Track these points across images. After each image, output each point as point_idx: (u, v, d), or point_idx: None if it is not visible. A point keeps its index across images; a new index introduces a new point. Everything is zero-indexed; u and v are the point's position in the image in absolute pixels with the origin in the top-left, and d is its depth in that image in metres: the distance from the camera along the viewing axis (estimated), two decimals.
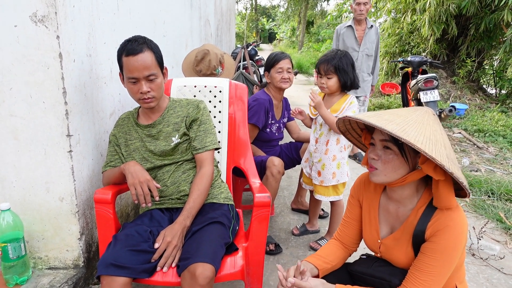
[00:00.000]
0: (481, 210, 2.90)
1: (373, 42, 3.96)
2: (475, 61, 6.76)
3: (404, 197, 1.18)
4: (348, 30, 3.96)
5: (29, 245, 1.65)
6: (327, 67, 2.07)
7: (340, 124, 1.30)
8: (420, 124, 1.05)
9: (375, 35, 3.97)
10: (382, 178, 1.13)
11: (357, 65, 3.81)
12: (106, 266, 1.23)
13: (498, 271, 2.15)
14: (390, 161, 1.10)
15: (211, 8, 5.56)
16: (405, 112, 1.10)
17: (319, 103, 2.07)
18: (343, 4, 10.72)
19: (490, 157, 4.23)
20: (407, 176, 1.10)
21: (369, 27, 3.93)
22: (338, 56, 2.09)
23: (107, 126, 1.88)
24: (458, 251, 1.06)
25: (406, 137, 0.98)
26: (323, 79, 2.11)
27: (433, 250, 1.06)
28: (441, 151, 0.99)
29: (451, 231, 1.05)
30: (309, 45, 19.92)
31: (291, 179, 3.52)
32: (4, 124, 1.51)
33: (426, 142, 0.98)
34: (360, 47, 3.93)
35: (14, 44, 1.42)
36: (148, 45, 1.48)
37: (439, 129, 1.06)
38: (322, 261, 1.31)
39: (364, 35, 3.93)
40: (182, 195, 1.59)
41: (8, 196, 1.59)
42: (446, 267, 1.06)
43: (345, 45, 3.97)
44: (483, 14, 6.18)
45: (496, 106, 6.29)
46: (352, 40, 3.94)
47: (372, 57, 4.03)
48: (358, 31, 3.94)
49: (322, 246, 1.42)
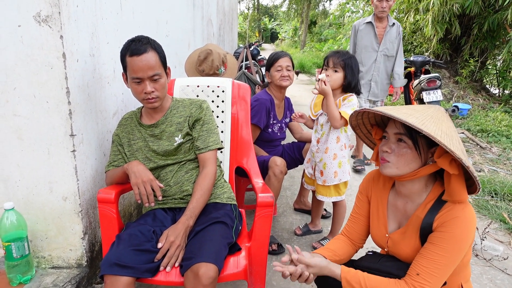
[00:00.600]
0: (485, 211, 2.89)
1: (394, 42, 3.60)
2: (478, 61, 6.73)
3: (413, 192, 1.19)
4: (368, 27, 3.59)
5: (32, 244, 1.65)
6: (337, 60, 2.06)
7: (353, 118, 1.31)
8: (436, 119, 1.06)
9: (396, 34, 3.60)
10: (394, 170, 1.15)
11: (375, 66, 3.63)
12: (110, 265, 1.23)
13: (501, 271, 2.14)
14: (403, 154, 1.12)
15: (213, 8, 5.56)
16: (421, 108, 1.12)
17: (325, 90, 2.01)
18: (345, 4, 10.70)
19: (493, 157, 4.22)
20: (419, 170, 1.12)
21: (390, 25, 3.56)
22: (349, 55, 2.10)
23: (110, 125, 1.88)
24: (465, 243, 1.06)
25: (427, 130, 0.99)
26: (329, 71, 2.08)
27: (441, 239, 1.07)
28: (458, 146, 1.01)
29: (459, 222, 1.05)
30: (311, 45, 19.90)
31: (294, 179, 3.52)
32: (8, 123, 1.51)
33: (444, 136, 1.00)
34: (380, 46, 3.58)
35: (18, 44, 1.42)
36: (152, 45, 1.48)
37: (451, 126, 1.08)
38: (332, 253, 1.32)
39: (385, 34, 3.56)
40: (185, 194, 1.59)
41: (12, 196, 1.59)
42: (451, 258, 1.06)
43: (363, 43, 3.63)
44: (486, 14, 6.16)
45: (499, 106, 6.27)
46: (371, 38, 3.59)
47: (392, 59, 3.66)
48: (378, 28, 3.56)
49: (331, 241, 1.42)
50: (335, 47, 15.04)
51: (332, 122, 2.04)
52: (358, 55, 3.66)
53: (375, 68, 3.64)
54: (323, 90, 2.01)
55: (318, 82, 2.04)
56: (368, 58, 3.64)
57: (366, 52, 3.62)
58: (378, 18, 3.56)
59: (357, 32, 3.66)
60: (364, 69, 3.66)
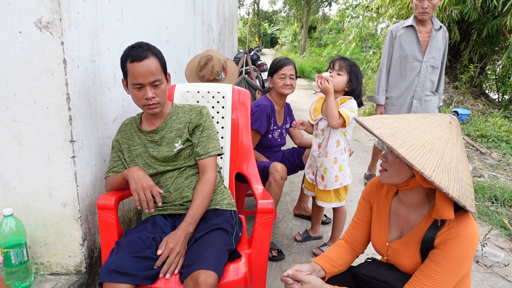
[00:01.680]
0: (485, 217, 2.88)
1: (440, 49, 2.99)
2: (478, 66, 6.75)
3: (415, 202, 1.18)
4: (408, 31, 2.97)
5: (31, 250, 1.64)
6: (343, 64, 2.08)
7: None
8: (420, 130, 1.04)
9: (442, 40, 2.98)
10: (387, 179, 1.16)
11: (419, 80, 3.01)
12: (109, 272, 1.22)
13: (502, 278, 2.13)
14: (394, 165, 1.13)
15: (213, 13, 5.58)
16: (411, 118, 1.10)
17: (327, 88, 2.01)
18: (345, 10, 10.74)
19: (493, 162, 4.22)
20: (410, 181, 1.11)
21: (436, 29, 2.95)
22: (355, 63, 2.12)
23: (110, 131, 1.88)
24: (466, 261, 1.05)
25: (392, 141, 1.00)
26: (333, 73, 2.09)
27: (442, 258, 1.06)
28: (433, 159, 0.97)
29: (461, 241, 1.04)
30: (311, 50, 19.97)
31: (294, 184, 3.51)
32: (8, 129, 1.51)
33: (415, 147, 0.99)
34: (425, 55, 2.96)
35: (19, 50, 1.43)
36: (153, 51, 1.48)
37: (445, 138, 1.03)
38: (331, 264, 1.32)
39: (430, 40, 2.94)
40: (185, 201, 1.58)
41: (11, 202, 1.59)
42: (451, 276, 1.05)
43: (404, 52, 3.00)
44: (485, 20, 6.18)
45: (499, 112, 6.27)
46: (413, 45, 2.97)
47: (438, 70, 3.06)
48: (421, 33, 2.95)
49: (331, 247, 1.42)
50: (334, 52, 15.10)
51: (330, 121, 2.03)
52: (395, 67, 3.09)
53: (419, 83, 3.03)
54: (326, 88, 2.02)
55: (320, 80, 2.04)
56: (409, 71, 3.03)
57: (406, 63, 3.02)
58: (419, 21, 2.95)
59: (394, 38, 3.05)
60: (404, 85, 3.07)
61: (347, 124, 2.01)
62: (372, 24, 9.25)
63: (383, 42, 7.88)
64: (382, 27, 8.92)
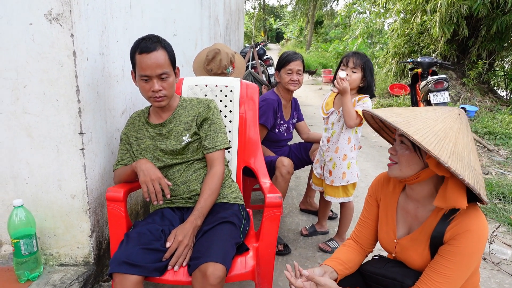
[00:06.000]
0: (492, 214, 2.87)
1: None
2: (486, 62, 6.68)
3: (423, 196, 1.17)
4: None
5: (40, 241, 1.66)
6: (357, 61, 2.05)
7: (371, 122, 1.31)
8: (432, 120, 1.04)
9: None
10: (398, 172, 1.15)
11: None
12: (119, 263, 1.23)
13: (510, 275, 2.12)
14: (404, 156, 1.12)
15: (220, 7, 5.56)
16: (421, 109, 1.10)
17: (345, 89, 1.99)
18: (352, 5, 10.67)
19: (501, 160, 4.18)
20: (420, 172, 1.10)
21: None
22: (368, 58, 2.10)
23: (119, 124, 1.89)
24: (477, 256, 1.04)
25: (406, 128, 0.99)
26: (348, 71, 2.06)
27: (452, 253, 1.05)
28: (447, 146, 0.97)
29: (471, 236, 1.03)
30: (317, 45, 19.87)
31: (300, 179, 3.51)
32: (18, 121, 1.52)
33: (429, 135, 0.98)
34: None
35: (29, 42, 1.43)
36: (162, 44, 1.48)
37: (456, 128, 1.03)
38: (343, 266, 1.30)
39: None
40: (193, 194, 1.58)
41: (21, 193, 1.60)
42: (462, 271, 1.04)
43: None
44: (494, 16, 6.10)
45: (507, 108, 6.21)
46: None
47: None
48: None
49: (341, 248, 1.40)
50: (341, 47, 15.01)
51: (348, 121, 2.02)
52: None
53: None
54: (345, 88, 1.99)
55: (339, 80, 2.01)
56: None
57: None
58: None
59: None
60: None
61: (363, 122, 2.02)
62: (379, 20, 9.17)
63: (390, 38, 7.81)
64: (390, 22, 8.85)
